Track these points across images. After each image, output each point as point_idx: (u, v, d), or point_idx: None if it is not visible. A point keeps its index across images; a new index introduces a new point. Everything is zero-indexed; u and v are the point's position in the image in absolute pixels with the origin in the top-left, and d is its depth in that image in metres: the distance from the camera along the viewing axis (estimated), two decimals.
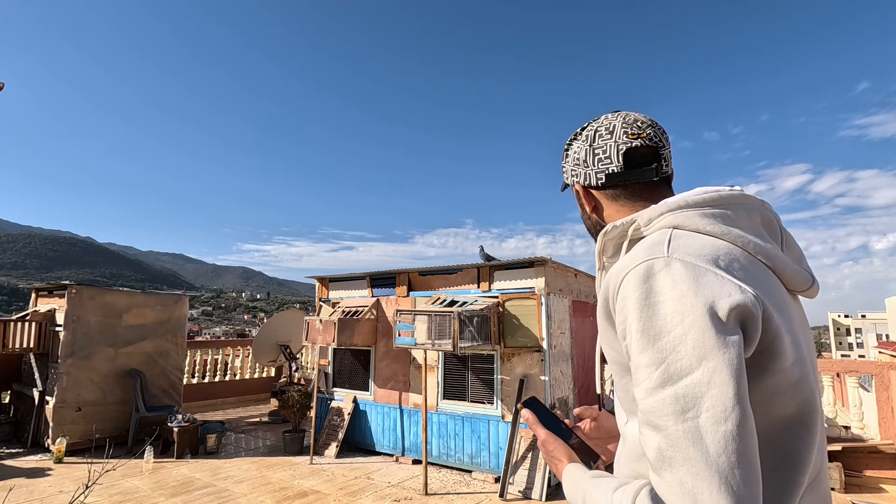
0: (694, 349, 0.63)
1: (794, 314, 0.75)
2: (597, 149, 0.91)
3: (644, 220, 0.81)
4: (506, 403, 5.14)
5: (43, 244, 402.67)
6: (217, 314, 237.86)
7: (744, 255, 0.74)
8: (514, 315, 5.18)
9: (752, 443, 0.60)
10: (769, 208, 0.84)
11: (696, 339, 0.63)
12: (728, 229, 0.75)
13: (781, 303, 0.72)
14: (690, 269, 0.68)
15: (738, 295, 0.65)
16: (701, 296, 0.65)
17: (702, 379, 0.61)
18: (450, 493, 4.77)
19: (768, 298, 0.68)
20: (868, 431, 5.32)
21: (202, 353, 9.59)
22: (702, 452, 0.59)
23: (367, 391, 6.28)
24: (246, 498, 4.63)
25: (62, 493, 4.66)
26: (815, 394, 0.72)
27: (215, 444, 6.26)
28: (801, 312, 0.80)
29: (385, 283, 6.36)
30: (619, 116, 0.92)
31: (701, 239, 0.74)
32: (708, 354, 0.62)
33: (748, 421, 0.60)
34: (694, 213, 0.77)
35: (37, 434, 6.29)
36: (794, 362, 0.69)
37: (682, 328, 0.64)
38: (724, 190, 0.81)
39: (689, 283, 0.67)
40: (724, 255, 0.71)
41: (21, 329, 6.42)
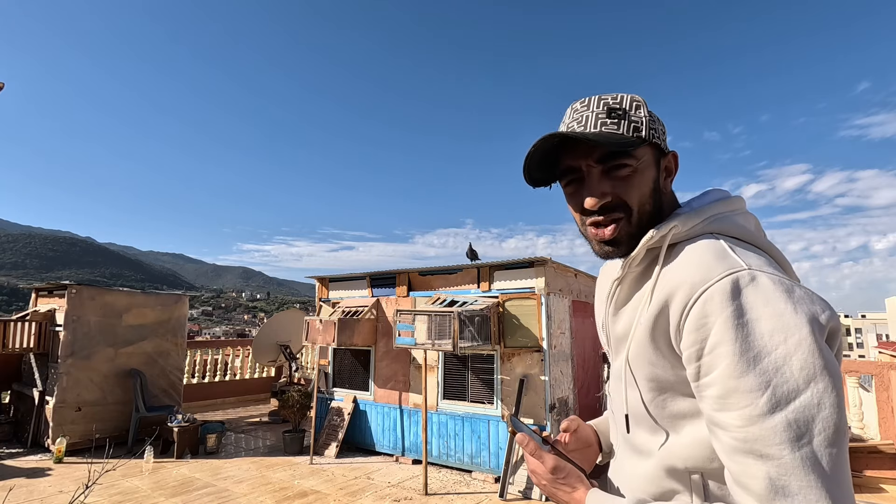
0: (801, 370, 0.59)
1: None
2: (657, 123, 0.83)
3: (686, 226, 0.76)
4: (506, 403, 5.14)
5: (43, 244, 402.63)
6: (217, 314, 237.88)
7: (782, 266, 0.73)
8: (514, 315, 5.18)
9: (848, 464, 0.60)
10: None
11: (803, 359, 0.59)
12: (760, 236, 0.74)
13: None
14: (778, 283, 0.64)
15: (830, 309, 0.63)
16: (801, 312, 0.61)
17: (811, 401, 0.58)
18: (450, 493, 4.77)
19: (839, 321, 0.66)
20: (868, 431, 5.31)
21: (202, 353, 9.59)
22: (820, 479, 0.56)
23: (367, 391, 6.28)
24: (246, 498, 4.63)
25: (62, 493, 4.66)
26: None
27: (215, 444, 6.26)
28: None
29: (385, 283, 6.36)
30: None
31: (750, 248, 0.72)
32: (816, 375, 0.59)
33: (847, 440, 0.59)
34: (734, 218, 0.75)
35: (37, 434, 6.29)
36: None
37: (784, 348, 0.60)
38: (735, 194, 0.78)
39: (784, 298, 0.63)
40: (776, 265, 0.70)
41: (21, 329, 6.42)
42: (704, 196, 0.79)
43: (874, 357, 31.49)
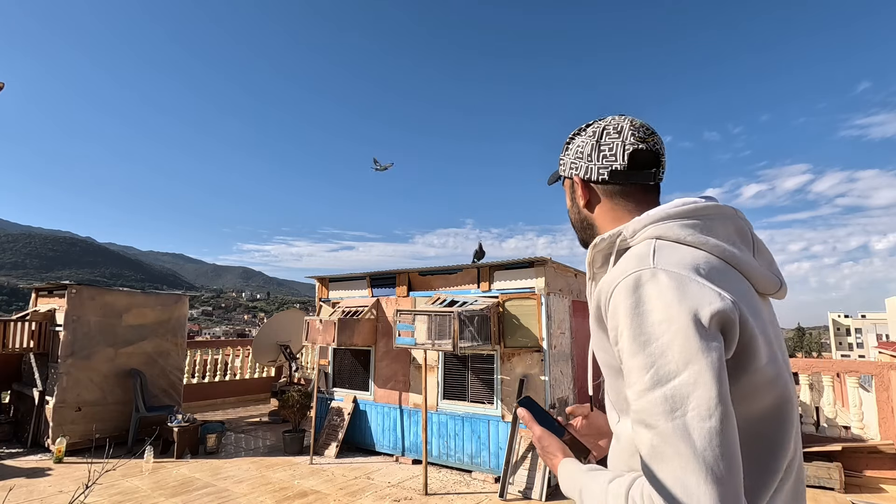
0: (680, 354, 0.68)
1: (765, 315, 0.81)
2: (603, 146, 0.95)
3: (629, 232, 0.87)
4: (506, 403, 5.14)
5: (43, 244, 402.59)
6: (217, 314, 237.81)
7: (720, 263, 0.80)
8: (514, 315, 5.18)
9: (734, 436, 0.66)
10: (741, 216, 0.89)
11: (681, 344, 0.69)
12: (705, 239, 0.81)
13: (755, 306, 0.78)
14: (674, 279, 0.73)
15: (719, 302, 0.71)
16: (685, 304, 0.71)
17: (688, 380, 0.67)
18: (450, 493, 4.77)
19: (743, 303, 0.74)
20: (868, 431, 5.31)
21: (202, 353, 9.59)
22: (690, 447, 0.65)
23: (367, 391, 6.28)
24: (246, 498, 4.63)
25: (62, 493, 4.66)
26: (790, 388, 0.78)
27: (215, 444, 6.26)
28: (771, 313, 0.87)
29: (385, 283, 6.37)
30: (626, 119, 0.97)
31: (682, 249, 0.80)
32: (693, 358, 0.67)
33: (730, 417, 0.66)
34: (674, 224, 0.83)
35: (37, 434, 6.29)
36: (769, 361, 0.75)
37: (669, 335, 0.70)
38: (700, 201, 0.86)
39: (674, 292, 0.72)
40: (704, 264, 0.77)
41: (21, 329, 6.42)
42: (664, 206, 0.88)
43: (874, 357, 31.50)
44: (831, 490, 4.82)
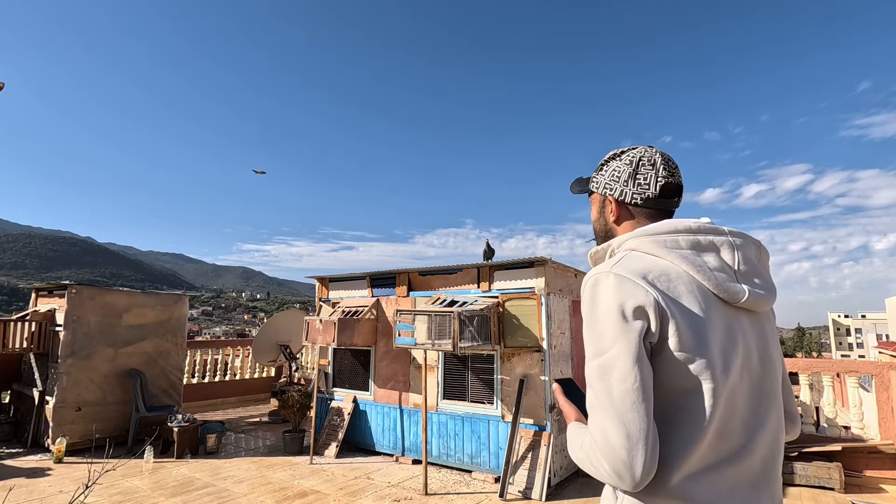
0: (611, 335, 0.93)
1: (719, 321, 0.96)
2: (639, 175, 1.15)
3: (616, 244, 1.11)
4: (506, 403, 5.14)
5: (43, 244, 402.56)
6: (217, 314, 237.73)
7: (676, 271, 0.99)
8: (514, 315, 5.18)
9: (642, 397, 0.89)
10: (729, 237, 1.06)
11: (612, 328, 0.93)
12: (668, 251, 1.01)
13: (695, 310, 0.95)
14: (617, 279, 0.97)
15: (642, 297, 0.93)
16: (617, 298, 0.94)
17: (613, 354, 0.92)
18: (450, 493, 4.77)
19: (673, 303, 0.94)
20: (868, 431, 5.31)
21: (202, 353, 9.59)
22: (610, 401, 0.90)
23: (367, 391, 6.28)
24: (246, 498, 4.63)
25: (62, 493, 4.66)
26: (716, 377, 0.92)
27: (215, 444, 6.26)
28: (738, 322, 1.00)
29: (385, 283, 6.36)
30: (658, 153, 1.16)
31: (645, 258, 1.02)
32: (617, 339, 0.92)
33: (640, 383, 0.89)
34: (647, 239, 1.04)
35: (37, 434, 6.29)
36: (691, 357, 0.92)
37: (605, 321, 0.95)
38: (681, 223, 1.06)
39: (613, 289, 0.96)
40: (655, 270, 0.98)
41: (21, 329, 6.42)
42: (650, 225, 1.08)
43: (874, 357, 31.48)
44: (831, 490, 4.82)
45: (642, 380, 0.90)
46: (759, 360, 1.00)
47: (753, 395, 0.98)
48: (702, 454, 0.92)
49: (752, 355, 0.99)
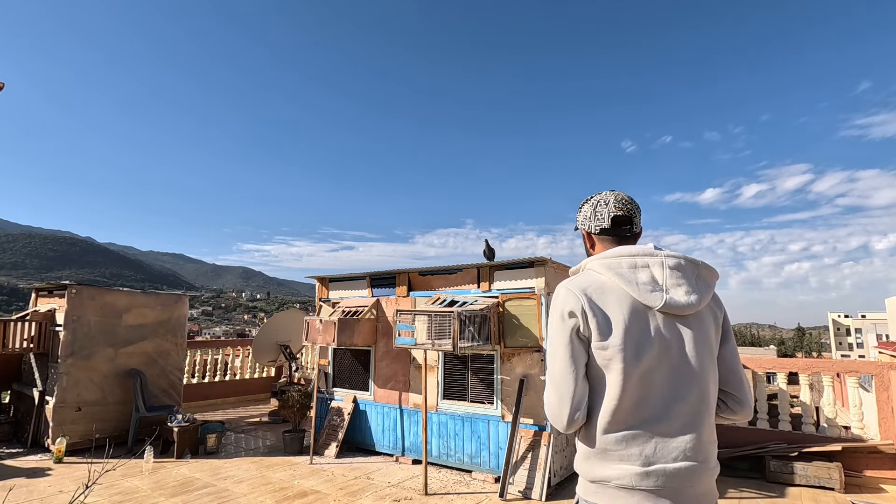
0: (553, 330, 1.41)
1: (638, 321, 1.33)
2: (597, 212, 1.57)
3: (583, 265, 1.52)
4: (506, 403, 5.14)
5: (43, 244, 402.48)
6: (217, 314, 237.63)
7: (610, 284, 1.39)
8: (514, 315, 5.18)
9: (570, 370, 1.35)
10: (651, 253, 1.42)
11: (554, 325, 1.41)
12: (608, 270, 1.41)
13: (618, 312, 1.34)
14: (563, 290, 1.42)
15: (574, 304, 1.36)
16: (559, 305, 1.40)
17: (554, 342, 1.40)
18: (450, 493, 4.77)
19: (596, 308, 1.35)
20: (868, 431, 5.31)
21: (202, 353, 9.59)
22: (551, 375, 1.40)
23: (367, 391, 6.28)
24: (246, 498, 4.63)
25: (62, 493, 4.66)
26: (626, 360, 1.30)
27: (215, 444, 6.26)
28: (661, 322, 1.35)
29: (385, 283, 6.36)
30: (613, 194, 1.58)
31: (591, 274, 1.44)
32: (557, 333, 1.40)
33: (568, 361, 1.36)
34: (598, 262, 1.45)
35: (37, 434, 6.29)
36: (606, 346, 1.33)
37: (552, 320, 1.43)
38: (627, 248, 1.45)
39: (561, 298, 1.41)
40: (593, 284, 1.40)
41: (21, 329, 6.41)
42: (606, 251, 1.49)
43: (874, 357, 31.48)
44: (831, 490, 4.82)
45: (571, 358, 1.36)
46: (678, 352, 1.34)
47: (672, 377, 1.33)
48: (623, 417, 1.32)
49: (672, 348, 1.34)
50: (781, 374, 5.89)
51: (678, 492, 1.29)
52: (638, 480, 1.28)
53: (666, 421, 1.31)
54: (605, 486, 1.34)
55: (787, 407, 5.74)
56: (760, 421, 5.71)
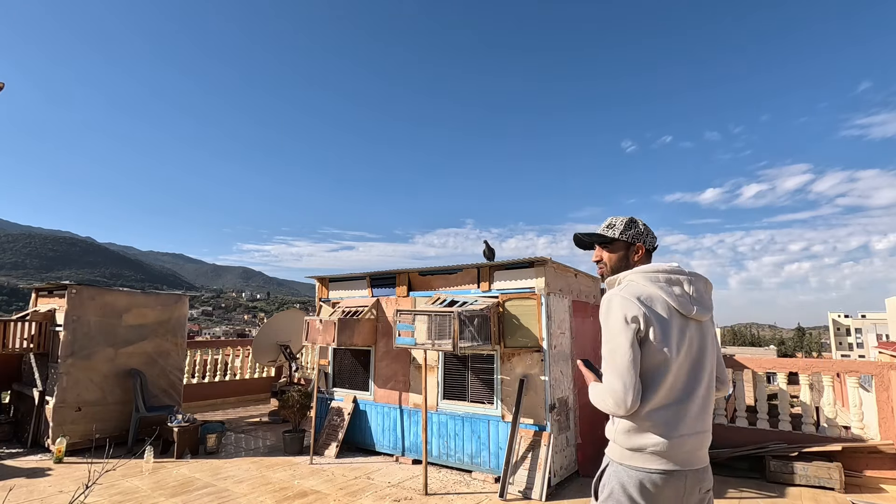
0: (617, 332, 1.72)
1: (677, 325, 1.76)
2: (648, 234, 1.97)
3: (622, 276, 1.90)
4: (506, 403, 5.14)
5: (43, 244, 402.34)
6: (217, 314, 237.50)
7: (656, 294, 1.78)
8: (514, 315, 5.18)
9: (632, 365, 1.68)
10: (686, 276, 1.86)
11: (618, 328, 1.72)
12: (651, 283, 1.81)
13: (664, 318, 1.74)
14: (622, 299, 1.75)
15: (635, 311, 1.72)
16: (622, 311, 1.73)
17: (618, 342, 1.71)
18: (450, 493, 4.77)
19: (652, 314, 1.72)
20: (868, 431, 5.31)
21: (202, 353, 9.59)
22: (615, 367, 1.70)
23: (367, 391, 6.28)
24: (246, 498, 4.63)
25: (62, 493, 4.66)
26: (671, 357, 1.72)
27: (215, 444, 6.26)
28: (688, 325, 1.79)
29: (385, 283, 6.36)
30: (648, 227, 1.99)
31: (637, 285, 1.81)
32: (620, 334, 1.71)
33: (631, 357, 1.68)
34: (640, 274, 1.85)
35: (37, 434, 6.29)
36: (659, 345, 1.71)
37: (615, 324, 1.73)
38: (663, 266, 1.87)
39: (620, 305, 1.74)
40: (644, 294, 1.77)
41: (21, 329, 6.41)
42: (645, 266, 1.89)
43: (874, 357, 31.47)
44: (831, 490, 4.82)
45: (633, 356, 1.70)
46: (697, 348, 1.79)
47: (691, 368, 1.77)
48: (661, 399, 1.71)
49: (694, 345, 1.79)
50: (781, 374, 5.89)
51: (692, 454, 1.74)
52: (666, 447, 1.69)
53: (688, 401, 1.74)
54: (641, 452, 1.71)
55: (787, 407, 5.74)
56: (760, 421, 5.71)
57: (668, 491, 1.69)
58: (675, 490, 1.69)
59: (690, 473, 1.72)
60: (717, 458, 5.49)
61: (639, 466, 1.70)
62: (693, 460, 1.73)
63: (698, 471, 1.75)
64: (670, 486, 1.69)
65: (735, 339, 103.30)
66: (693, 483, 1.73)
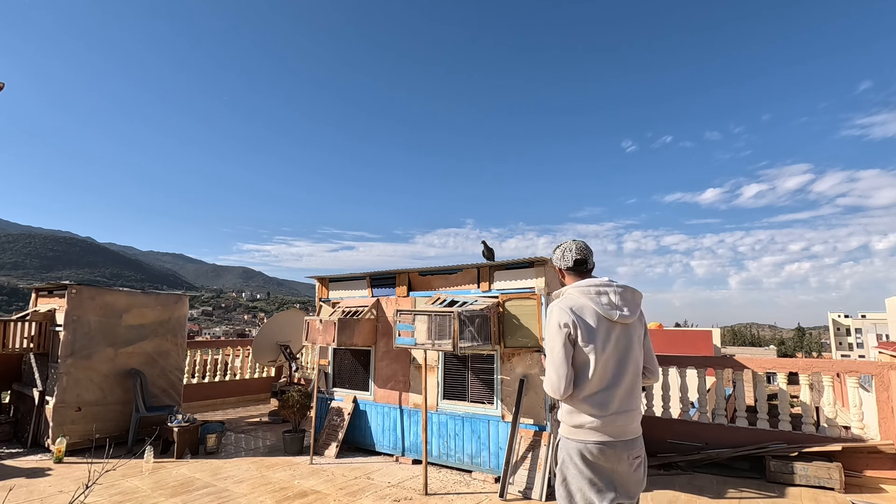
0: (552, 334, 2.27)
1: (603, 328, 2.23)
2: (566, 255, 2.46)
3: (563, 290, 2.39)
4: (506, 403, 5.13)
5: (43, 244, 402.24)
6: (217, 314, 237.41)
7: (585, 304, 2.27)
8: (514, 315, 5.18)
9: (564, 360, 2.22)
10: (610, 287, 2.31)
11: (552, 331, 2.27)
12: (582, 295, 2.30)
13: (591, 323, 2.23)
14: (558, 309, 2.27)
15: (567, 319, 2.23)
16: (556, 318, 2.26)
17: (553, 342, 2.25)
18: (450, 493, 4.77)
19: (580, 320, 2.22)
20: (868, 431, 5.31)
21: (202, 353, 9.59)
22: (551, 362, 2.25)
23: (367, 391, 6.28)
24: (246, 498, 4.62)
25: (62, 493, 4.66)
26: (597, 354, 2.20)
27: (215, 444, 6.26)
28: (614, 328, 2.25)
29: (385, 283, 6.36)
30: (575, 242, 2.47)
31: (572, 298, 2.31)
32: (554, 337, 2.25)
33: (563, 354, 2.22)
34: (574, 289, 2.33)
35: (37, 434, 6.29)
36: (586, 346, 2.21)
37: (551, 328, 2.28)
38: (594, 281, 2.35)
39: (556, 313, 2.27)
40: (576, 304, 2.27)
41: (21, 329, 6.41)
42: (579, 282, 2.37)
43: (874, 357, 31.47)
44: (831, 490, 4.82)
45: (565, 353, 2.20)
46: (623, 346, 2.26)
47: (618, 362, 2.24)
48: (593, 386, 2.20)
49: (620, 343, 2.25)
50: (781, 374, 5.88)
51: (623, 428, 2.22)
52: (600, 424, 2.18)
53: (616, 387, 2.22)
54: (581, 429, 2.22)
55: (787, 407, 5.74)
56: (760, 421, 5.71)
57: (603, 458, 2.18)
58: (608, 457, 2.18)
59: (621, 443, 2.20)
60: (718, 458, 5.49)
61: (579, 439, 2.21)
62: (623, 433, 2.21)
63: (628, 441, 2.22)
64: (604, 453, 2.18)
65: (735, 339, 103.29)
66: (623, 450, 2.20)
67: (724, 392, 6.15)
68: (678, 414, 6.18)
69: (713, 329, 32.09)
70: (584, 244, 2.47)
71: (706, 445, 5.75)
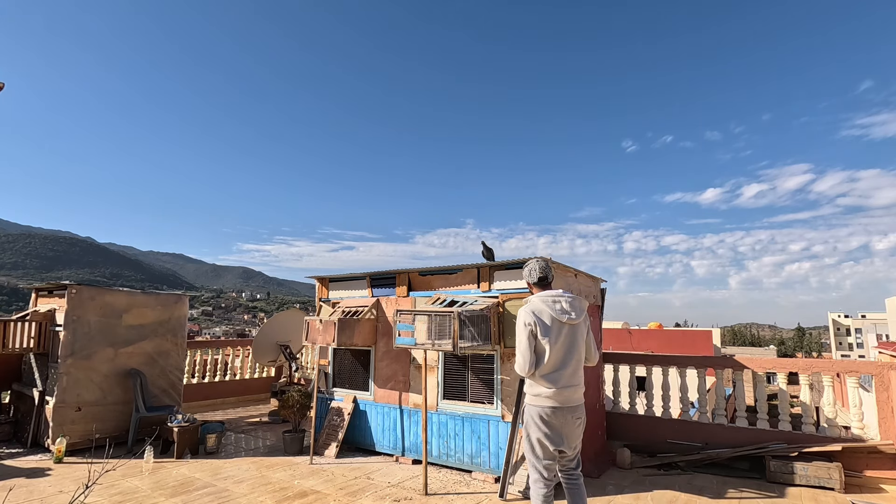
0: (519, 329, 3.32)
1: (555, 326, 3.28)
2: (532, 272, 3.55)
3: (529, 298, 3.47)
4: (506, 403, 5.13)
5: (43, 244, 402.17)
6: (217, 314, 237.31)
7: (543, 308, 3.31)
8: (514, 315, 5.17)
9: (527, 348, 3.26)
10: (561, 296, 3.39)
11: (519, 327, 3.32)
12: (542, 302, 3.35)
13: (547, 323, 3.26)
14: (524, 311, 3.33)
15: (529, 319, 3.28)
16: (522, 318, 3.32)
17: (520, 336, 3.30)
18: (450, 493, 4.76)
19: (539, 320, 3.27)
20: (868, 431, 5.31)
21: (202, 353, 9.59)
22: (518, 349, 3.30)
23: (367, 391, 6.28)
24: (246, 498, 4.62)
25: (62, 493, 4.66)
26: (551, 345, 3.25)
27: (215, 444, 6.26)
28: (563, 327, 3.30)
29: (385, 283, 6.36)
30: (538, 263, 3.54)
31: (535, 303, 3.36)
32: (521, 331, 3.29)
33: (526, 344, 3.26)
34: (537, 297, 3.41)
35: (37, 434, 6.29)
36: (543, 339, 3.25)
37: (518, 324, 3.34)
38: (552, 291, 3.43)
39: (522, 315, 3.33)
40: (536, 308, 3.33)
41: (21, 329, 6.41)
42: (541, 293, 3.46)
43: (874, 357, 31.47)
44: (831, 490, 4.82)
45: (528, 344, 3.23)
46: (570, 340, 3.28)
47: (566, 352, 3.25)
48: (547, 368, 3.22)
49: (568, 338, 3.27)
50: (781, 374, 5.89)
51: (569, 397, 3.21)
52: (552, 395, 3.19)
53: (564, 369, 3.22)
54: (539, 397, 3.22)
55: (787, 407, 5.74)
56: (760, 421, 5.71)
57: (555, 418, 3.18)
58: (558, 417, 3.18)
59: (567, 408, 3.20)
60: (718, 458, 5.49)
61: (538, 405, 3.21)
62: (569, 401, 3.21)
63: (572, 407, 3.22)
64: (556, 415, 3.18)
65: (735, 339, 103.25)
66: (568, 413, 3.20)
67: (724, 392, 6.15)
68: (678, 414, 6.18)
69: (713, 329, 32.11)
70: (546, 263, 3.51)
71: (706, 445, 5.75)
